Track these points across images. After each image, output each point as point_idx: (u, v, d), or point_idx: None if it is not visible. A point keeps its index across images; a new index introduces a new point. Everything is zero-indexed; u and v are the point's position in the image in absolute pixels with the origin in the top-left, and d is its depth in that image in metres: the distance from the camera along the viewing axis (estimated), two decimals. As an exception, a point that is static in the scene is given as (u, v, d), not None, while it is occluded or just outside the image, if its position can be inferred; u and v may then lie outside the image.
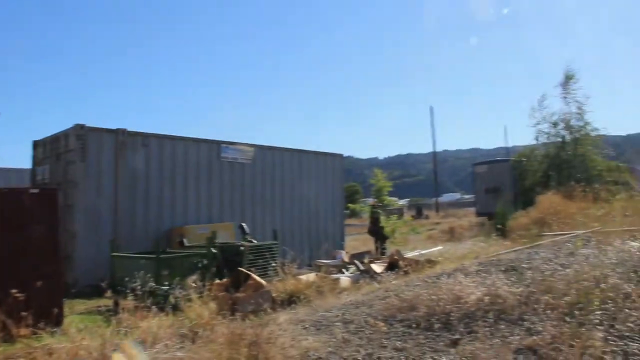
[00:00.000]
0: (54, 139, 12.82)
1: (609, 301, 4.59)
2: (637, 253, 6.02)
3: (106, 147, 12.42)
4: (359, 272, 10.09)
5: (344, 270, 10.69)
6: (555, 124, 27.08)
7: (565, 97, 26.87)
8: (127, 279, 7.48)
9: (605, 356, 3.76)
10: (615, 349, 3.88)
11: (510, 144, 66.57)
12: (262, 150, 16.15)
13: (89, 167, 12.07)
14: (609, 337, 4.05)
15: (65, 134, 12.39)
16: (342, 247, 16.78)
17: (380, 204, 23.36)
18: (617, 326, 4.23)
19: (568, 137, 26.87)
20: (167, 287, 7.95)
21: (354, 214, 52.25)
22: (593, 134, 26.68)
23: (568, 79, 26.92)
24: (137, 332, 5.83)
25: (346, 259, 12.17)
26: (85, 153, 11.97)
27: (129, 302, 6.68)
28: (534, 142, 28.29)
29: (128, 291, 6.99)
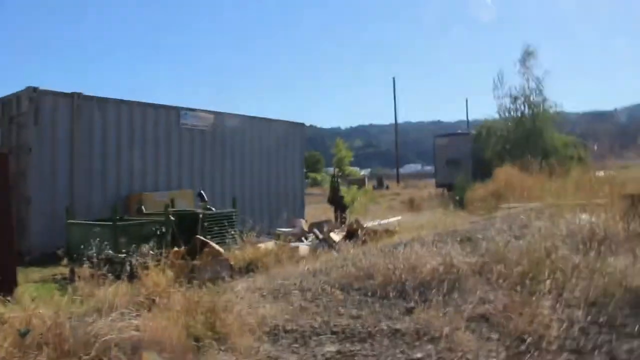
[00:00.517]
0: (5, 102, 12.40)
1: (558, 271, 4.75)
2: (587, 226, 6.21)
3: (61, 111, 12.09)
4: (318, 241, 10.19)
5: (303, 239, 10.77)
6: (515, 99, 27.57)
7: (524, 74, 27.34)
8: (83, 246, 7.39)
9: (552, 323, 3.90)
10: (562, 316, 4.03)
11: (471, 117, 67.34)
12: (222, 117, 15.97)
13: (42, 131, 11.76)
14: (557, 306, 4.20)
15: (17, 97, 12.00)
16: (302, 216, 16.85)
17: (342, 174, 23.49)
18: (565, 295, 4.38)
19: (527, 112, 27.39)
20: (124, 255, 7.90)
21: (315, 183, 52.47)
22: (551, 110, 27.27)
23: (527, 55, 27.37)
24: (92, 301, 5.80)
25: (306, 228, 12.26)
26: (39, 117, 11.64)
27: (85, 270, 6.60)
28: (494, 115, 28.79)
29: (84, 259, 6.92)
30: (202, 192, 11.53)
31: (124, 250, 8.12)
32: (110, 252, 7.84)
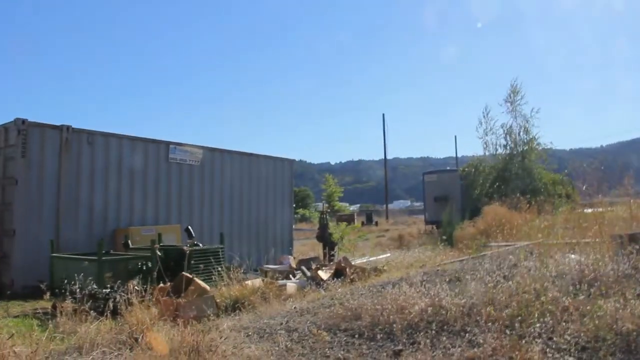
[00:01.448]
0: (-7, 133, 12.33)
1: (548, 314, 4.70)
2: (576, 267, 6.17)
3: (49, 143, 12.00)
4: (305, 279, 10.08)
5: (290, 276, 10.65)
6: (505, 136, 27.75)
7: (511, 112, 27.60)
8: (67, 281, 7.26)
9: (542, 369, 3.83)
10: (553, 362, 3.96)
11: (460, 154, 67.86)
12: (212, 152, 15.95)
13: (30, 163, 11.64)
14: (547, 350, 4.13)
15: (5, 128, 11.92)
16: (290, 253, 16.70)
17: (331, 210, 23.44)
18: (555, 339, 4.32)
19: (515, 150, 27.56)
20: (108, 291, 7.78)
21: (304, 218, 52.37)
22: (539, 147, 27.45)
23: (514, 93, 27.66)
24: (74, 338, 5.66)
25: (294, 265, 12.13)
26: (27, 149, 11.56)
27: (68, 305, 6.48)
28: (482, 153, 28.93)
29: (68, 294, 6.79)
30: (189, 227, 11.43)
31: (108, 286, 8.00)
32: (95, 287, 7.71)
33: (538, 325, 4.49)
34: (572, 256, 6.96)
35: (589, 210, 12.24)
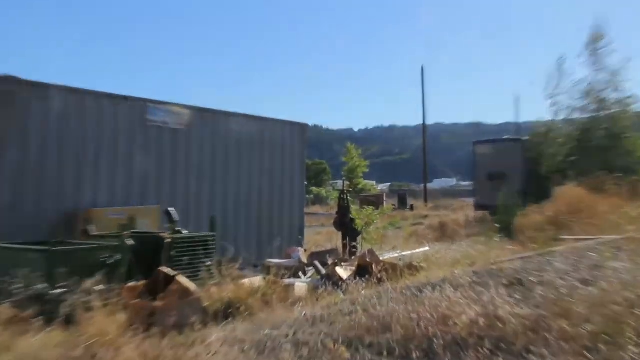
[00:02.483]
0: None
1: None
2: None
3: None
4: (319, 277, 10.11)
5: (300, 273, 10.71)
6: (583, 96, 27.30)
7: (593, 64, 27.08)
8: (5, 277, 7.24)
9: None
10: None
11: (521, 119, 67.52)
12: (201, 113, 15.89)
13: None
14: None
15: None
16: (300, 244, 16.76)
17: (353, 189, 23.42)
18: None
19: (599, 114, 27.12)
20: (62, 291, 7.74)
21: (318, 199, 52.66)
22: (633, 109, 26.92)
23: (596, 40, 27.09)
24: (9, 356, 5.62)
25: (304, 259, 12.17)
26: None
27: (4, 310, 6.46)
28: (551, 117, 28.57)
29: (5, 295, 6.77)
30: (170, 210, 11.39)
31: (61, 285, 7.96)
32: (43, 286, 7.68)
33: (632, 347, 4.34)
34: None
35: None
